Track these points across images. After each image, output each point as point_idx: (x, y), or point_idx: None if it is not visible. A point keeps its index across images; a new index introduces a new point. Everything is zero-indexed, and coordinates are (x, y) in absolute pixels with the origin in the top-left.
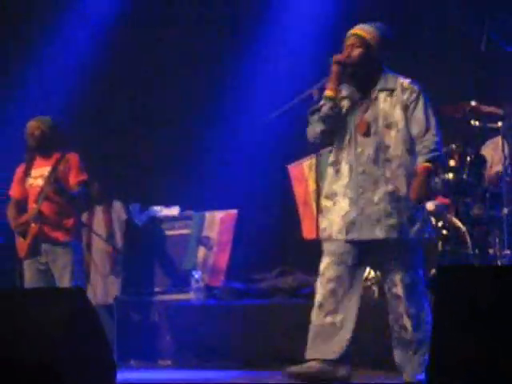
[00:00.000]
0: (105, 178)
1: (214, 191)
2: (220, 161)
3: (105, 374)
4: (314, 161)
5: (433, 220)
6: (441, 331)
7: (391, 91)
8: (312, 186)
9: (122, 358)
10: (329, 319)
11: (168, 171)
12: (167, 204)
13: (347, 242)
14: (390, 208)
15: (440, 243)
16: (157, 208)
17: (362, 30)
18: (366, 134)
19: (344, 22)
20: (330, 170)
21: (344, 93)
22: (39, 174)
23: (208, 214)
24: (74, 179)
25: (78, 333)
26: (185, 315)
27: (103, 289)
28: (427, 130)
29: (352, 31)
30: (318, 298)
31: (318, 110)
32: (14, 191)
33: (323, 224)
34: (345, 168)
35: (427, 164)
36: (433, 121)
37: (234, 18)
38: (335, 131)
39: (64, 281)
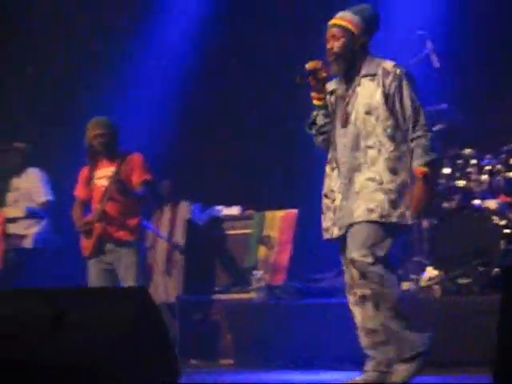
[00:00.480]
0: (173, 177)
1: (274, 190)
2: (280, 160)
3: (168, 374)
4: None
5: (495, 219)
6: (507, 332)
7: (373, 75)
8: None
9: (183, 357)
10: None
11: (229, 170)
12: (228, 203)
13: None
14: (370, 193)
15: (502, 242)
16: (218, 208)
17: (342, 18)
18: (345, 124)
19: None
20: (326, 168)
21: (330, 87)
22: (103, 174)
23: (269, 214)
24: (137, 179)
25: (142, 332)
26: (246, 314)
27: (165, 288)
28: (416, 120)
29: (332, 21)
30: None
31: (314, 122)
32: (79, 192)
33: (324, 224)
34: (335, 163)
35: (424, 169)
36: (420, 108)
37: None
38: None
39: (128, 280)
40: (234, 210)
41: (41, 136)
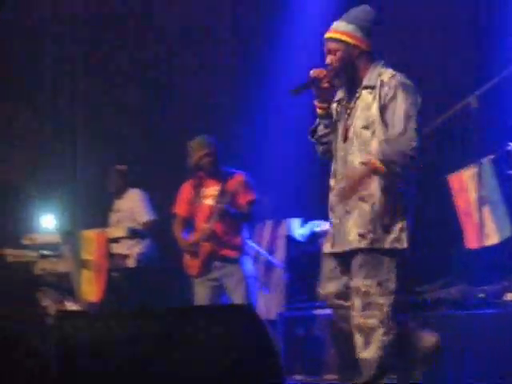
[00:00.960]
0: (274, 193)
1: None
2: None
3: None
4: (475, 170)
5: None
6: None
7: (372, 88)
8: (473, 196)
9: (288, 373)
10: None
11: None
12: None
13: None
14: (361, 216)
15: None
16: (318, 222)
17: (336, 30)
18: (345, 138)
19: None
20: (330, 181)
21: (339, 95)
22: (209, 193)
23: None
24: (242, 200)
25: (250, 349)
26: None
27: (266, 304)
28: (403, 132)
29: (327, 35)
30: None
31: (315, 130)
32: (181, 209)
33: (326, 238)
34: (333, 179)
35: (380, 165)
36: (412, 121)
37: None
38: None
39: (237, 296)
40: None
41: (141, 157)
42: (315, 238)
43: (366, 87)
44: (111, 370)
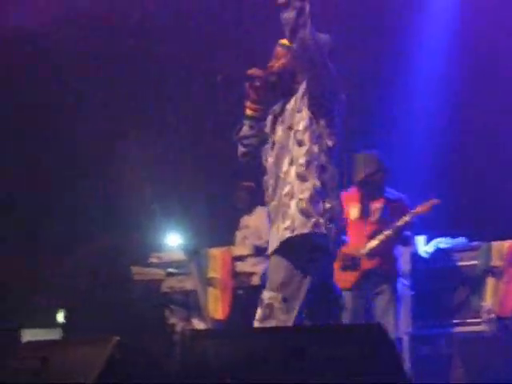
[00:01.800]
0: None
1: (501, 220)
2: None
3: None
4: None
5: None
6: None
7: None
8: None
9: None
10: None
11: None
12: (453, 235)
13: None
14: (285, 210)
15: None
16: (443, 239)
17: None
18: (272, 144)
19: None
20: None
21: (273, 108)
22: (375, 210)
23: (495, 244)
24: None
25: (381, 369)
26: (476, 347)
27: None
28: None
29: (280, 40)
30: None
31: (240, 130)
32: None
33: None
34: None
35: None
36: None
37: None
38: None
39: (388, 314)
40: (459, 241)
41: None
42: (440, 255)
43: (296, 94)
44: None
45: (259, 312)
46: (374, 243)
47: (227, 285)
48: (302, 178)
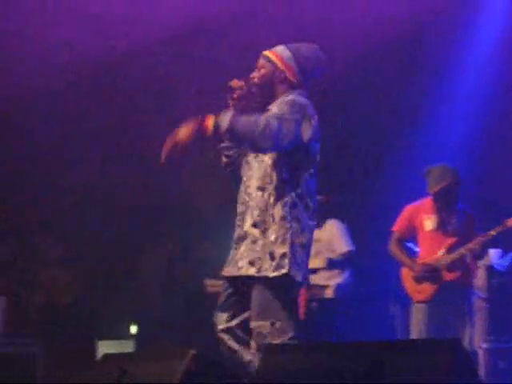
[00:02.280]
0: None
1: None
2: None
3: None
4: None
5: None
6: None
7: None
8: None
9: None
10: None
11: None
12: None
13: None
14: (252, 242)
15: None
16: None
17: (272, 51)
18: (246, 162)
19: None
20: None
21: None
22: (452, 223)
23: None
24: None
25: (458, 382)
26: None
27: (467, 336)
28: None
29: (263, 52)
30: None
31: (222, 140)
32: (400, 227)
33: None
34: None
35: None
36: (285, 115)
37: None
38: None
39: (464, 329)
40: None
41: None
42: None
43: (268, 111)
44: None
45: (253, 344)
46: (455, 255)
47: (300, 297)
48: (272, 216)
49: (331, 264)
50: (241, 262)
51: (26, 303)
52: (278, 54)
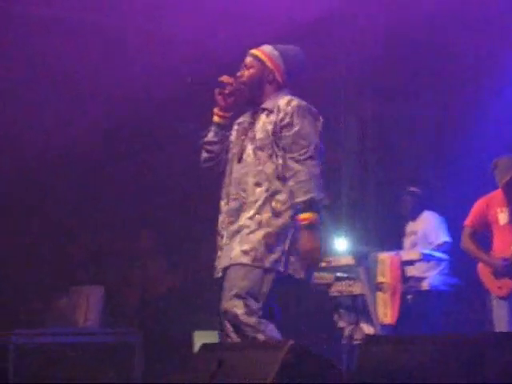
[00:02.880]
0: None
1: None
2: None
3: None
4: None
5: None
6: None
7: (270, 111)
8: None
9: None
10: None
11: None
12: None
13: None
14: (248, 234)
15: None
16: None
17: (261, 50)
18: (240, 159)
19: None
20: (221, 203)
21: (240, 119)
22: None
23: None
24: None
25: None
26: None
27: None
28: (298, 152)
29: (251, 50)
30: None
31: (205, 135)
32: (471, 221)
33: (215, 263)
34: (227, 199)
35: (303, 215)
36: (308, 142)
37: None
38: (222, 159)
39: None
40: None
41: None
42: None
43: (264, 110)
44: None
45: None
46: None
47: (396, 289)
48: (276, 213)
49: (427, 256)
50: (233, 252)
51: (121, 294)
52: (267, 53)
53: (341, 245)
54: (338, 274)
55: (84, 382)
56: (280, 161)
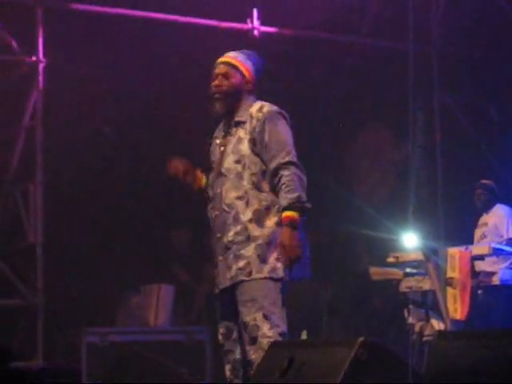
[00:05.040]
0: None
1: None
2: None
3: None
4: None
5: None
6: None
7: (243, 123)
8: None
9: None
10: None
11: None
12: None
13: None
14: (239, 250)
15: None
16: None
17: (235, 59)
18: (219, 173)
19: None
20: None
21: (216, 132)
22: None
23: None
24: None
25: None
26: None
27: None
28: (278, 156)
29: (222, 59)
30: None
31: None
32: None
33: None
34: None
35: (289, 213)
36: (284, 144)
37: None
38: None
39: None
40: None
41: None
42: None
43: (238, 123)
44: None
45: (246, 337)
46: None
47: (466, 284)
48: (262, 224)
49: (497, 250)
50: (231, 271)
51: (192, 293)
52: (243, 64)
53: (409, 240)
54: (408, 270)
55: (156, 382)
56: (259, 170)
